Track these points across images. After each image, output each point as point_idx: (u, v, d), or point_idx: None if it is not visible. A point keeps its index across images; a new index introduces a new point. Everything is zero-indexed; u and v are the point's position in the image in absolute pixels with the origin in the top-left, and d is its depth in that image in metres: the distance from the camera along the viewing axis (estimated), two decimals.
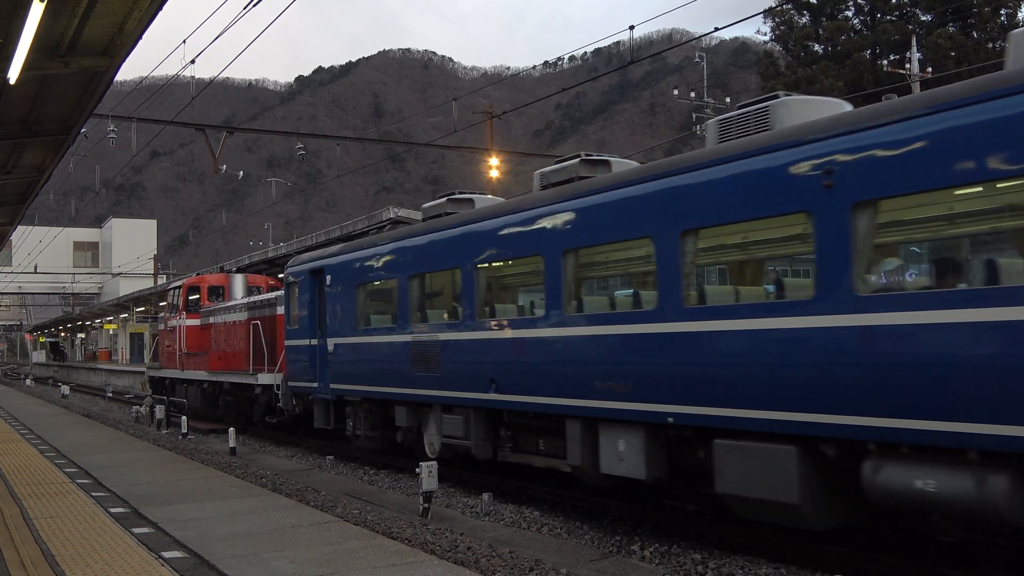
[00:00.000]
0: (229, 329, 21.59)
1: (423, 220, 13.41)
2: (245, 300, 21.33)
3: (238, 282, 23.47)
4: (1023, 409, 5.76)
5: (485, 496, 10.79)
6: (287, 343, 16.80)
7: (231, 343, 21.25)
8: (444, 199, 12.92)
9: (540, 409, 10.02)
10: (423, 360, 12.15)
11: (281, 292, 18.49)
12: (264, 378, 18.46)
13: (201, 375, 22.34)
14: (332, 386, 14.91)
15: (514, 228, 10.56)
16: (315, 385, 15.51)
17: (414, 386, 12.43)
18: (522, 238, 10.44)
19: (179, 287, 24.78)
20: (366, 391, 13.99)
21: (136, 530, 8.18)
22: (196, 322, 23.52)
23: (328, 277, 15.05)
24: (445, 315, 12.34)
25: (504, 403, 10.56)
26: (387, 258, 13.44)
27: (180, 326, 24.02)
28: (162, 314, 27.57)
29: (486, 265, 11.28)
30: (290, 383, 16.74)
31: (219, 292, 23.69)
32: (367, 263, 14.00)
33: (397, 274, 13.05)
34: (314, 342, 15.53)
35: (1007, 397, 5.84)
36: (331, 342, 14.88)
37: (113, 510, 9.25)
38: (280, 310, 18.32)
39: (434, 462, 10.26)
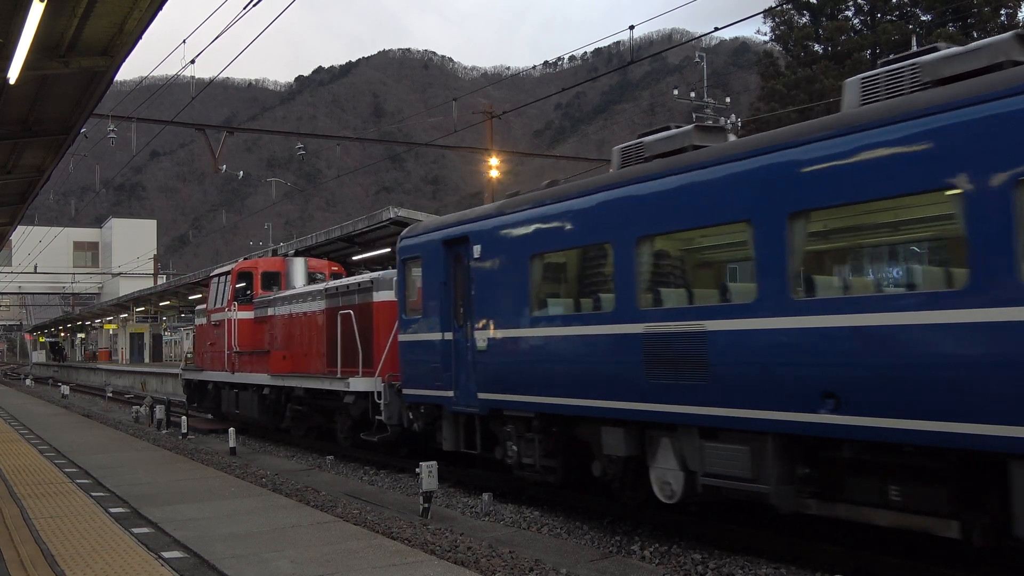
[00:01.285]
0: (299, 322, 17.74)
1: (641, 160, 9.56)
2: (322, 286, 17.29)
3: (298, 267, 19.67)
4: None
5: (485, 496, 10.79)
6: (402, 338, 13.05)
7: (302, 340, 17.57)
8: (683, 129, 9.36)
9: (943, 442, 6.36)
10: (667, 361, 8.46)
11: (379, 274, 15.18)
12: (359, 384, 14.47)
13: (260, 379, 18.56)
14: (482, 396, 11.01)
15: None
16: (449, 394, 11.71)
17: (645, 399, 8.64)
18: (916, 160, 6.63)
19: (226, 274, 20.51)
20: (544, 404, 10.03)
21: (136, 530, 8.17)
22: (249, 315, 19.65)
23: (477, 248, 11.26)
24: (717, 295, 8.81)
25: (858, 430, 6.84)
26: (591, 215, 9.54)
27: (229, 320, 19.90)
28: (199, 307, 23.63)
29: (812, 215, 7.42)
30: (405, 391, 13.03)
31: (275, 279, 19.91)
32: (550, 224, 10.11)
33: (613, 236, 9.23)
34: (448, 336, 11.79)
35: None
36: (481, 336, 11.08)
37: (113, 510, 9.25)
38: (379, 296, 14.64)
39: (434, 462, 10.25)
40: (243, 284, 20.03)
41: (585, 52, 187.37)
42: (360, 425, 15.01)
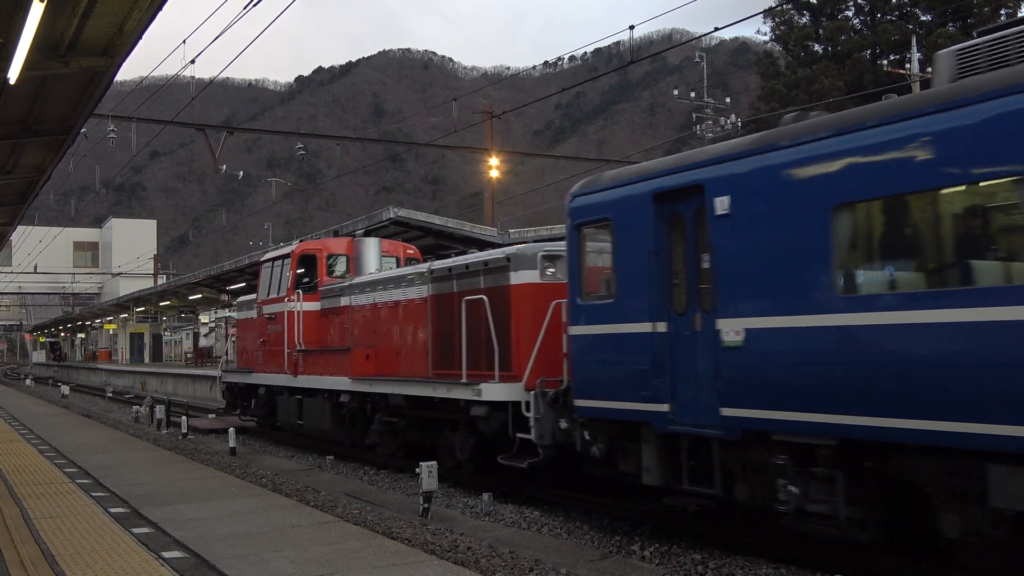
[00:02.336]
0: (388, 314, 14.39)
1: None
2: (423, 267, 13.78)
3: (370, 249, 16.65)
4: None
5: (485, 496, 10.79)
6: (575, 331, 9.70)
7: (394, 335, 14.24)
8: None
9: None
10: None
11: (516, 249, 11.69)
12: (495, 391, 10.88)
13: (337, 384, 15.05)
14: (728, 412, 7.83)
15: None
16: (661, 408, 8.53)
17: None
18: None
19: (284, 258, 17.46)
20: (857, 426, 6.85)
21: (136, 530, 8.18)
22: (314, 306, 16.60)
23: (722, 201, 8.08)
24: None
25: None
26: (979, 135, 6.22)
27: (290, 312, 16.71)
28: (243, 299, 20.66)
29: None
30: (579, 401, 9.55)
31: (343, 265, 17.10)
32: (877, 157, 6.83)
33: None
34: (661, 327, 8.66)
35: None
36: (731, 326, 7.88)
37: (113, 510, 9.25)
38: (519, 277, 11.28)
39: (434, 462, 10.25)
40: (305, 269, 16.86)
41: (585, 52, 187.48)
42: (489, 444, 11.55)
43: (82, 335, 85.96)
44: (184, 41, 17.91)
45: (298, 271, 16.85)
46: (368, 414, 14.53)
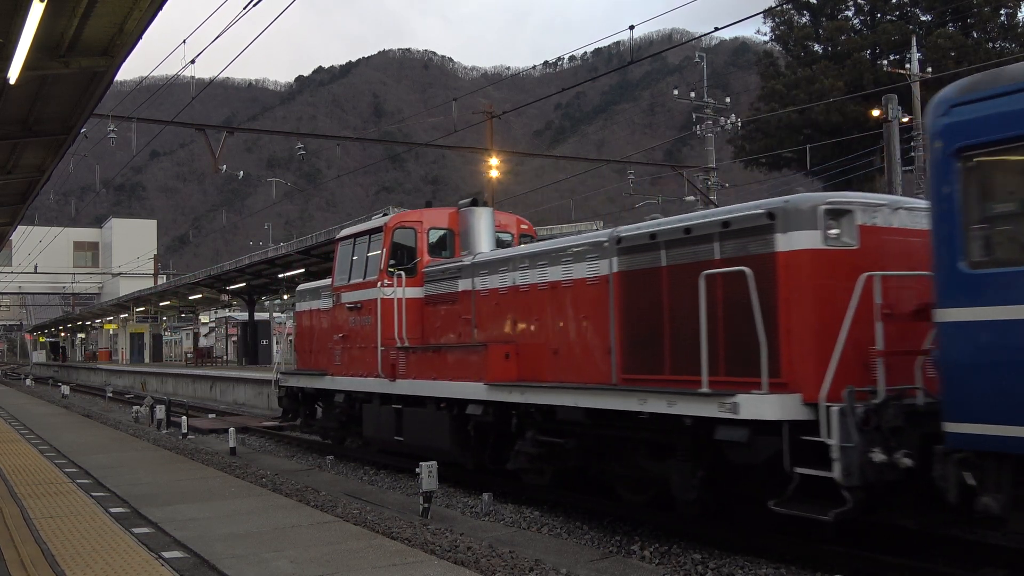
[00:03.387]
0: (537, 299, 11.01)
1: None
2: (603, 234, 10.23)
3: (482, 222, 13.33)
4: None
5: (485, 496, 10.79)
6: (950, 315, 6.43)
7: (549, 327, 10.81)
8: None
9: None
10: None
11: (783, 202, 7.95)
12: (762, 407, 7.44)
13: (466, 391, 11.32)
14: None
15: None
16: None
17: None
18: None
19: (374, 233, 13.90)
20: None
21: (136, 530, 8.18)
22: (415, 292, 13.25)
23: None
24: None
25: None
26: None
27: (385, 300, 13.22)
28: (303, 287, 17.40)
29: None
30: (963, 427, 6.31)
31: (444, 242, 13.76)
32: None
33: None
34: None
35: None
36: None
37: (113, 510, 9.25)
38: (790, 242, 7.76)
39: (433, 462, 10.25)
40: (402, 247, 13.52)
41: (585, 52, 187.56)
42: (730, 478, 8.37)
43: (82, 335, 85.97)
44: (184, 41, 17.92)
45: (394, 248, 13.40)
46: (512, 431, 10.76)
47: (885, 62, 41.19)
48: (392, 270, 13.28)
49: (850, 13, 48.78)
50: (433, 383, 12.06)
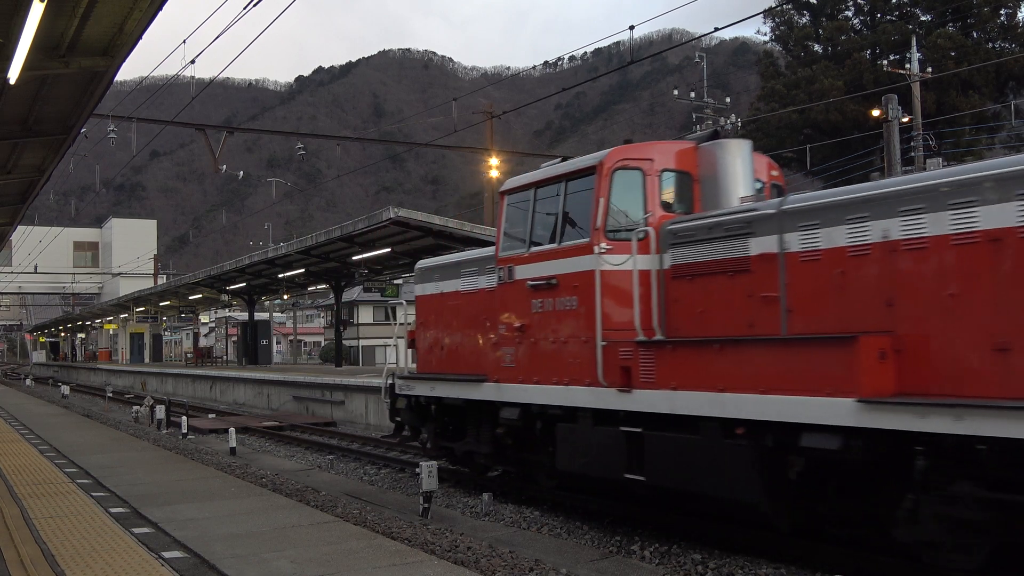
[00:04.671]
0: (940, 264, 6.80)
1: None
2: None
3: (738, 163, 9.62)
4: None
5: (485, 496, 10.79)
6: None
7: (975, 310, 6.53)
8: None
9: None
10: None
11: None
12: None
13: (795, 411, 7.09)
14: None
15: None
16: None
17: None
18: None
19: (576, 177, 9.77)
20: None
21: (136, 530, 8.17)
22: (648, 262, 9.17)
23: None
24: None
25: None
26: None
27: (610, 273, 9.19)
28: (426, 263, 13.45)
29: None
30: None
31: (683, 187, 9.71)
32: None
33: None
34: None
35: None
36: None
37: (113, 510, 9.24)
38: None
39: (434, 462, 10.26)
40: (623, 197, 9.38)
41: (585, 52, 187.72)
42: None
43: (82, 335, 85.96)
44: (184, 41, 17.90)
45: (612, 199, 9.27)
46: (918, 480, 6.62)
47: (885, 62, 41.16)
48: (618, 230, 9.27)
49: (850, 13, 48.81)
50: (723, 397, 7.62)
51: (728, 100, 40.84)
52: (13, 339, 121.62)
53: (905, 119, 27.83)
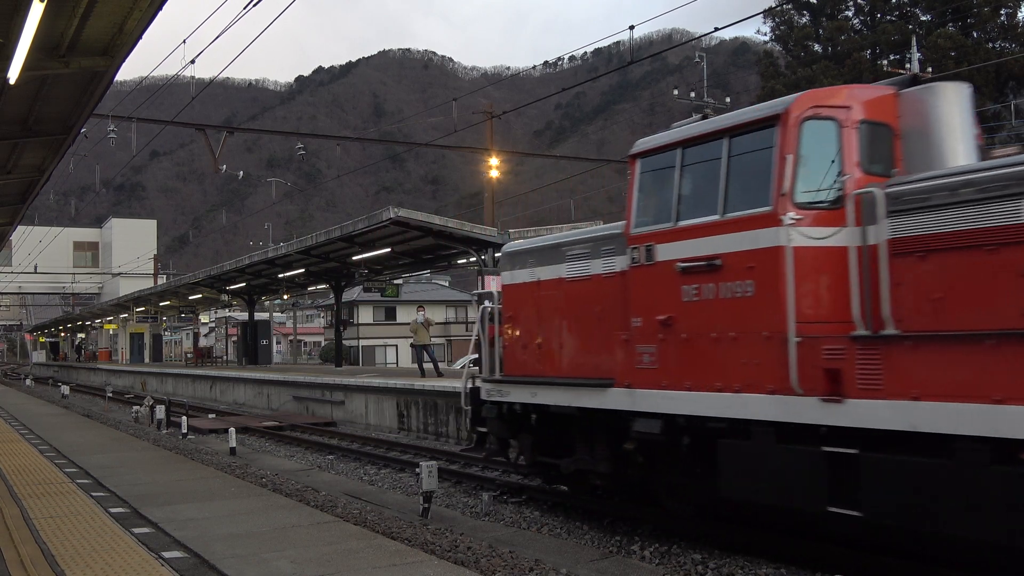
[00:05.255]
0: None
1: None
2: None
3: (954, 112, 7.62)
4: None
5: (485, 496, 10.79)
6: None
7: None
8: None
9: None
10: None
11: None
12: None
13: None
14: None
15: None
16: None
17: None
18: None
19: (749, 127, 7.70)
20: None
21: (136, 530, 8.17)
22: (841, 236, 7.23)
23: None
24: None
25: None
26: None
27: (805, 250, 7.16)
28: (516, 247, 11.27)
29: None
30: None
31: (884, 139, 7.63)
32: None
33: None
34: None
35: None
36: None
37: (113, 510, 9.24)
38: None
39: (433, 462, 10.26)
40: (812, 154, 7.41)
41: (585, 52, 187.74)
42: None
43: (82, 335, 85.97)
44: (184, 41, 17.90)
45: (801, 156, 7.36)
46: None
47: (885, 62, 41.20)
48: (815, 198, 7.37)
49: (850, 13, 48.83)
50: (1000, 410, 5.84)
51: (728, 100, 40.79)
52: (13, 339, 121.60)
53: None
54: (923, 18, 45.87)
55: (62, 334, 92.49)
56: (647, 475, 9.11)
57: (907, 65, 34.32)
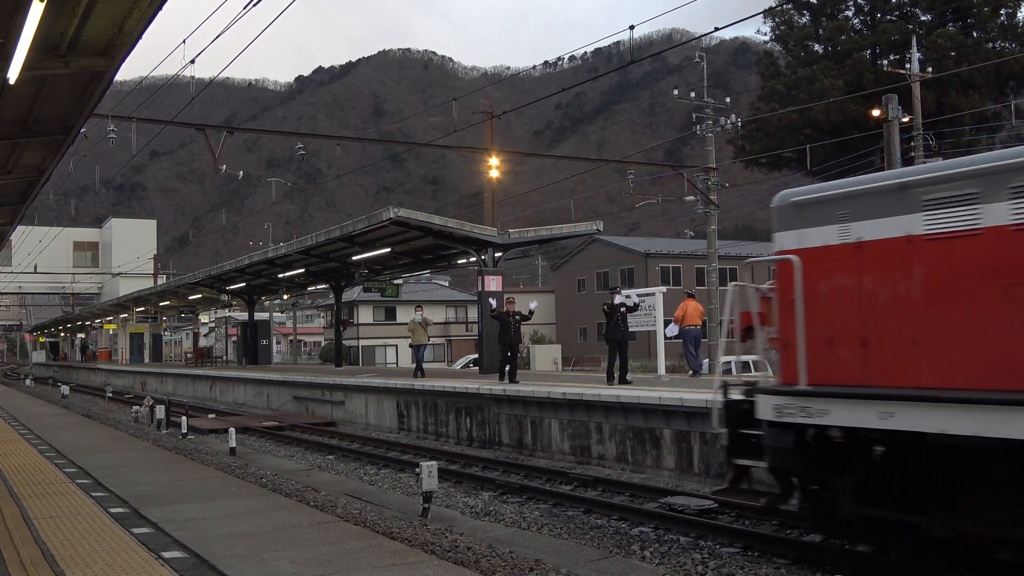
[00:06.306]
0: None
1: None
2: None
3: None
4: None
5: (485, 496, 10.80)
6: None
7: None
8: None
9: None
10: None
11: None
12: None
13: None
14: None
15: None
16: None
17: None
18: None
19: None
20: None
21: (136, 530, 8.17)
22: None
23: None
24: None
25: None
26: None
27: None
28: (858, 185, 7.02)
29: None
30: None
31: None
32: None
33: None
34: None
35: None
36: None
37: (113, 510, 9.24)
38: None
39: (433, 462, 10.26)
40: None
41: (585, 52, 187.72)
42: None
43: (82, 335, 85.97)
44: (184, 41, 17.88)
45: None
46: None
47: (885, 62, 41.22)
48: None
49: (850, 13, 48.83)
50: None
51: (728, 100, 40.78)
52: (13, 339, 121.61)
53: (905, 119, 27.82)
54: (923, 18, 45.88)
55: (62, 334, 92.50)
56: None
57: (907, 65, 34.28)
